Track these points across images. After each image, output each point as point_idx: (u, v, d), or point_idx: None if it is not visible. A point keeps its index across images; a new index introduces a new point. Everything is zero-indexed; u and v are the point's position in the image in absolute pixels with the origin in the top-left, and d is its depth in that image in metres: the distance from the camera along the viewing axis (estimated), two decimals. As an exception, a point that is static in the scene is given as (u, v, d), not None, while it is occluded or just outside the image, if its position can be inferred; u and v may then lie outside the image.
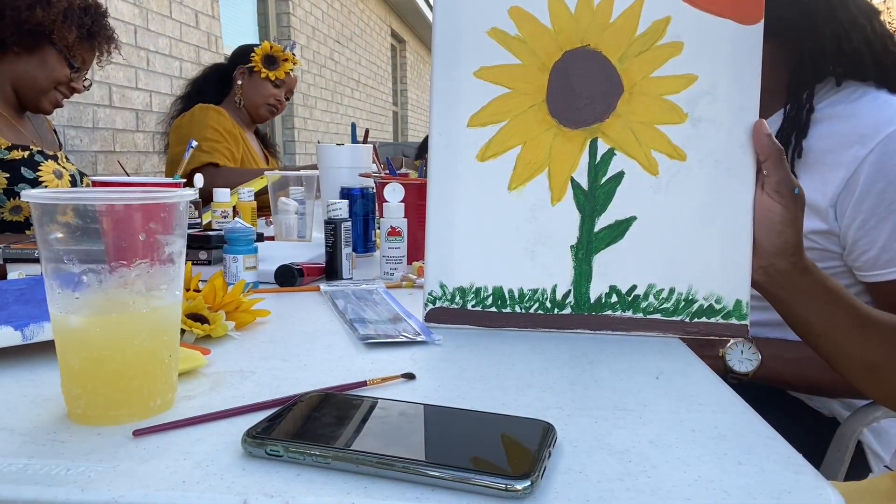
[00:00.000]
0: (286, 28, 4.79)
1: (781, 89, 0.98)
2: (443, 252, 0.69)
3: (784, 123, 0.97)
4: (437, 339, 0.66)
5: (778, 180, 0.63)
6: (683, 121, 0.66)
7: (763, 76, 0.97)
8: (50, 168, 1.53)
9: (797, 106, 0.95)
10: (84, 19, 1.54)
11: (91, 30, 1.56)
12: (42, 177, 1.52)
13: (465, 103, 0.68)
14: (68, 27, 1.51)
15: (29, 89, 1.55)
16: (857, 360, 0.65)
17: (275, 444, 0.40)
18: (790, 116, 0.96)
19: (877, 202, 0.86)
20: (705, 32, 0.65)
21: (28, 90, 1.55)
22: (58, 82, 1.56)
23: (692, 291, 0.67)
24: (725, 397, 0.53)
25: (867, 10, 0.96)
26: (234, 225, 0.94)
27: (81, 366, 0.46)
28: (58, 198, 0.44)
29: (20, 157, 1.49)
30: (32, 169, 1.50)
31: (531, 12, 0.67)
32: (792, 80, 0.96)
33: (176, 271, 0.48)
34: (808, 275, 0.64)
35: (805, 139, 0.94)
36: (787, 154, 0.95)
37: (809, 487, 0.39)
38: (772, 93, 0.98)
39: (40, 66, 1.53)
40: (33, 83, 1.54)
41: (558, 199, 0.68)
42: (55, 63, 1.54)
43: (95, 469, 0.40)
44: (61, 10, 1.49)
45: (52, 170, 1.54)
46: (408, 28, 9.27)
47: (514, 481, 0.36)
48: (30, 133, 1.62)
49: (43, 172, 1.52)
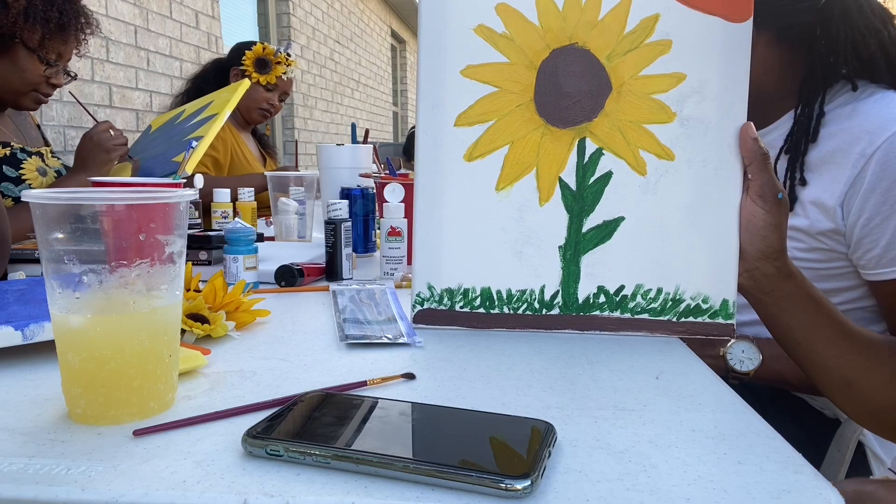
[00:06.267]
0: (286, 28, 4.79)
1: (793, 92, 0.98)
2: (430, 253, 0.69)
3: (794, 126, 0.97)
4: (418, 342, 0.66)
5: (761, 184, 0.63)
6: (672, 120, 0.66)
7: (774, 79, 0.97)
8: (33, 165, 1.51)
9: (808, 109, 0.95)
10: (50, 13, 1.45)
11: (60, 22, 1.47)
12: (25, 175, 1.49)
13: (452, 102, 0.67)
14: (31, 26, 1.43)
15: (4, 92, 1.49)
16: (834, 372, 0.65)
17: (275, 443, 0.40)
18: (800, 119, 0.96)
19: (881, 200, 0.86)
20: (694, 30, 0.65)
21: (4, 93, 1.49)
22: (33, 82, 1.49)
23: (679, 291, 0.67)
24: (725, 397, 0.53)
25: (882, 15, 0.96)
26: (234, 225, 0.94)
27: (82, 366, 0.46)
28: (58, 198, 0.44)
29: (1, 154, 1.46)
30: (15, 167, 1.48)
31: (518, 9, 0.66)
32: (805, 84, 0.96)
33: (176, 271, 0.48)
34: (792, 280, 0.64)
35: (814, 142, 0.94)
36: (796, 156, 0.95)
37: (809, 487, 0.39)
38: (783, 95, 0.98)
39: (12, 69, 1.46)
40: (7, 86, 1.48)
41: (546, 199, 0.68)
42: (26, 63, 1.47)
43: (96, 469, 0.40)
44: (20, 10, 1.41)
45: (36, 167, 1.51)
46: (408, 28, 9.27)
47: (514, 481, 0.36)
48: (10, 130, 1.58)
49: (26, 170, 1.50)
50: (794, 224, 0.95)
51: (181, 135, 1.42)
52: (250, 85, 2.21)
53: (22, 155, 1.51)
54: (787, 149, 0.97)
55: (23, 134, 1.63)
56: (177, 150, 1.35)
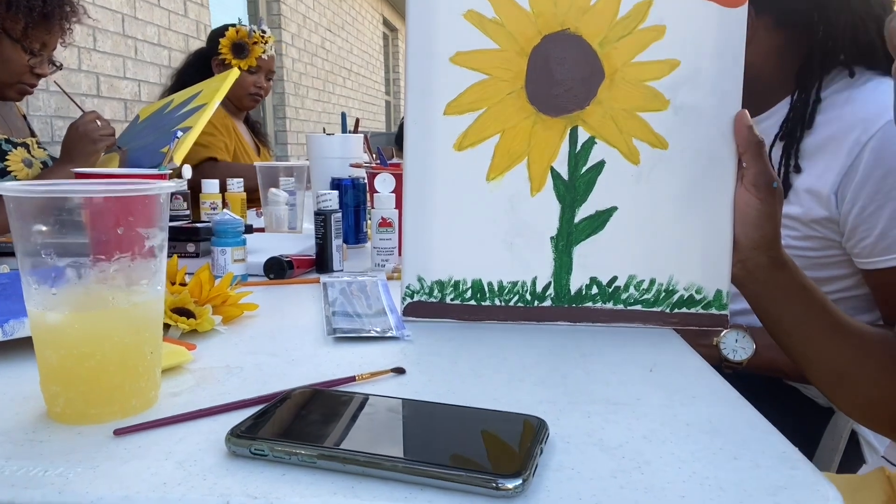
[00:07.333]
0: (276, 17, 4.74)
1: (790, 77, 0.97)
2: (420, 245, 0.68)
3: (790, 112, 0.96)
4: (406, 336, 0.64)
5: (756, 173, 0.62)
6: (665, 108, 0.64)
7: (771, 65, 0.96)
8: (19, 157, 1.49)
9: (805, 96, 0.94)
10: (33, 2, 1.43)
11: (44, 11, 1.45)
12: (10, 166, 1.47)
13: (442, 90, 0.66)
14: (14, 16, 1.42)
15: None
16: (825, 365, 0.64)
17: (260, 443, 0.39)
18: (796, 106, 0.95)
19: (876, 189, 0.85)
20: (688, 15, 0.63)
21: None
22: (17, 73, 1.48)
23: (673, 282, 0.66)
24: (720, 390, 0.52)
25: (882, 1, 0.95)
26: (222, 216, 0.93)
27: (60, 363, 0.44)
28: (33, 191, 0.42)
29: None
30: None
31: None
32: (802, 70, 0.95)
33: (157, 265, 0.47)
34: (786, 270, 0.63)
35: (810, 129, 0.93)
36: (791, 143, 0.94)
37: (806, 484, 0.38)
38: (780, 81, 0.97)
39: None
40: None
41: (538, 189, 0.66)
42: (10, 53, 1.45)
43: (74, 470, 0.38)
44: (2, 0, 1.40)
45: (22, 158, 1.49)
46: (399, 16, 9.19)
47: (505, 480, 0.36)
48: None
49: (11, 162, 1.47)
50: (788, 212, 0.94)
51: (170, 125, 1.40)
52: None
53: (7, 146, 1.48)
54: (782, 135, 0.97)
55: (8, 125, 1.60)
56: (165, 140, 1.33)
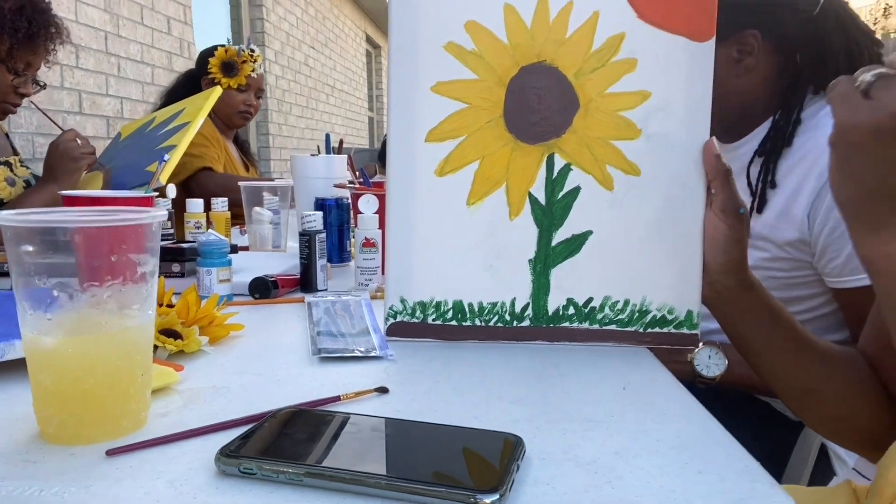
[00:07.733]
0: (260, 34, 4.76)
1: (776, 99, 1.00)
2: (403, 267, 0.70)
3: (771, 131, 0.99)
4: (390, 355, 0.66)
5: (724, 199, 0.65)
6: (637, 136, 0.67)
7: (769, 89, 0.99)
8: (1, 175, 1.49)
9: (787, 115, 0.98)
10: (18, 23, 1.44)
11: (29, 31, 1.46)
12: None
13: (423, 118, 0.68)
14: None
15: None
16: (793, 382, 0.67)
17: (248, 462, 0.41)
18: (778, 124, 0.99)
19: None
20: (658, 49, 0.67)
21: None
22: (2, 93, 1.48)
23: (646, 303, 0.69)
24: (689, 407, 0.55)
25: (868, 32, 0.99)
26: (207, 237, 0.94)
27: (54, 386, 0.46)
28: (29, 220, 0.44)
29: None
30: None
31: (487, 27, 0.67)
32: (788, 91, 0.99)
33: (149, 290, 0.49)
34: (753, 292, 0.66)
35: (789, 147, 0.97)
36: (769, 160, 0.98)
37: (766, 496, 0.40)
38: (770, 104, 1.01)
39: None
40: None
41: (516, 213, 0.69)
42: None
43: (69, 490, 0.40)
44: None
45: (4, 177, 1.49)
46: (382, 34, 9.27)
47: (483, 495, 0.38)
48: None
49: None
50: (761, 233, 0.97)
51: (153, 143, 1.41)
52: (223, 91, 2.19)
53: None
54: (761, 152, 1.00)
55: None
56: (150, 159, 1.34)
